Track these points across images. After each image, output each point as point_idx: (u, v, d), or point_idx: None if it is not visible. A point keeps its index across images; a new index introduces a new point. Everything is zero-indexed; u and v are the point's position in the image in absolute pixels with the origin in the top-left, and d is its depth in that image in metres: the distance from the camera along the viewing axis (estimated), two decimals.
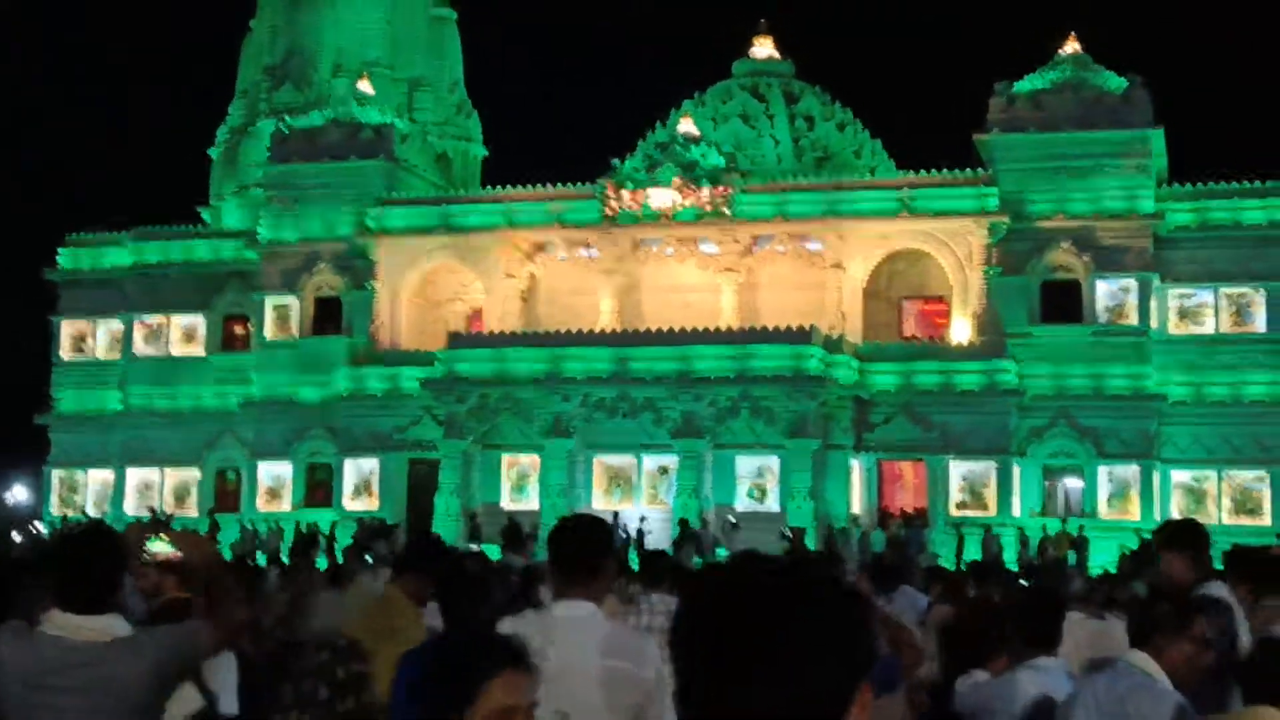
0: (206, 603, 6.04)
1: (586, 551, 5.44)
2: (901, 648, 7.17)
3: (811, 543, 36.33)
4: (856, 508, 42.72)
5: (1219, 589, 6.80)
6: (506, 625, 5.61)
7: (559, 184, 48.74)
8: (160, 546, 6.57)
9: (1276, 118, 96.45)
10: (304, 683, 6.59)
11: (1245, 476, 43.43)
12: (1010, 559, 36.12)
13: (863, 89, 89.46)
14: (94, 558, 5.17)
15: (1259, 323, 44.30)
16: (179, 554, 6.51)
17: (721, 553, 37.35)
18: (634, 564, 25.81)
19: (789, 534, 12.70)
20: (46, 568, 5.47)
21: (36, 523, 48.43)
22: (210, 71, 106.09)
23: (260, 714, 6.46)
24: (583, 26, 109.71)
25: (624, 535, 39.36)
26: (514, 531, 38.99)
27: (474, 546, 36.53)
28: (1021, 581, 13.75)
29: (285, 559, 31.56)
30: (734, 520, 39.65)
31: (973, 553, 37.30)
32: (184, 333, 52.98)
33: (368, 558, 19.79)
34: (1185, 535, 7.17)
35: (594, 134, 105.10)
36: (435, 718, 2.81)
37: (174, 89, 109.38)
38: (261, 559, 31.21)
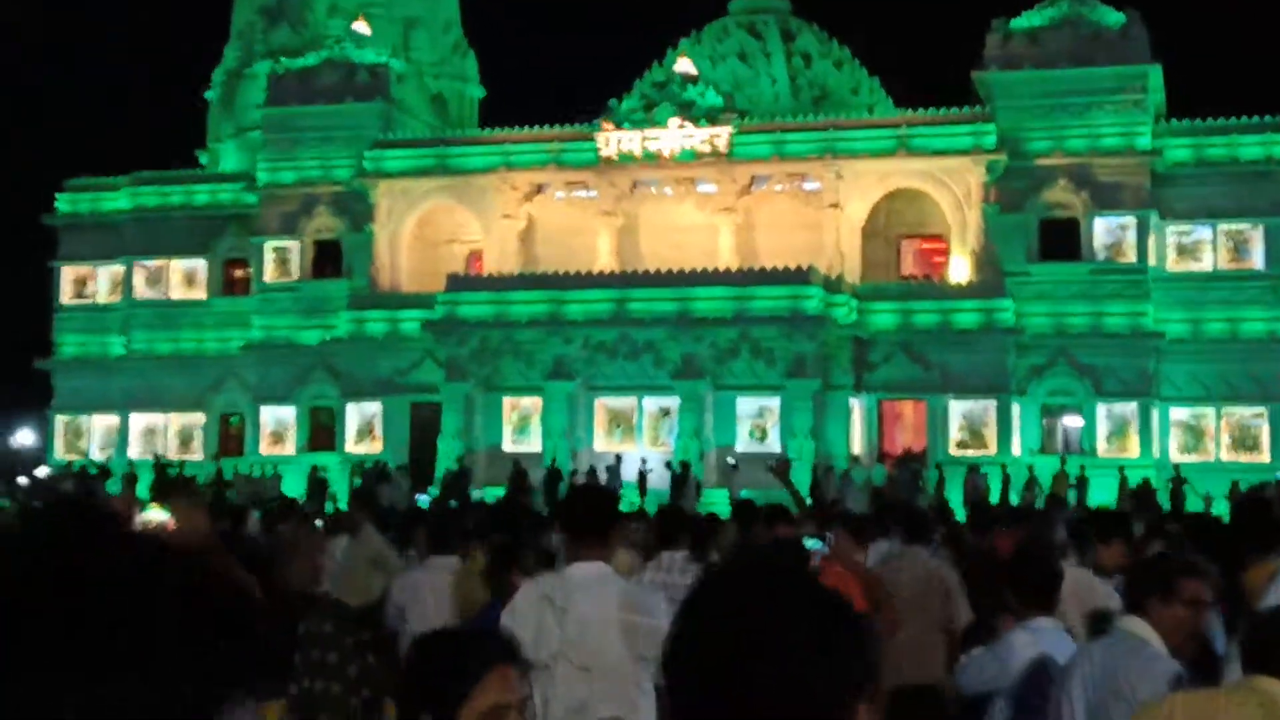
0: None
1: (597, 518, 5.92)
2: (880, 608, 7.25)
3: (806, 478, 36.31)
4: (857, 448, 42.86)
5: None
6: (529, 587, 6.13)
7: (556, 125, 48.63)
8: (154, 514, 6.66)
9: (1275, 53, 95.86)
10: (313, 651, 6.77)
11: (1244, 413, 43.42)
12: (994, 500, 36.12)
13: (860, 26, 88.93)
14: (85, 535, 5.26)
15: (1257, 259, 44.23)
16: (172, 522, 6.58)
17: (722, 494, 37.51)
18: (634, 507, 25.98)
19: (774, 465, 12.94)
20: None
21: (43, 468, 48.62)
22: (206, 12, 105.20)
23: (272, 674, 6.63)
24: None
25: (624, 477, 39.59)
26: (521, 478, 39.26)
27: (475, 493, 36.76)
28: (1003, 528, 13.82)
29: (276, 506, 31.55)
30: (733, 461, 39.81)
31: (955, 493, 37.59)
32: (184, 276, 52.99)
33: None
34: (1112, 526, 7.01)
35: (591, 73, 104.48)
36: (429, 714, 2.82)
37: (170, 31, 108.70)
38: (258, 514, 31.38)
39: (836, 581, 8.09)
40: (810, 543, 8.49)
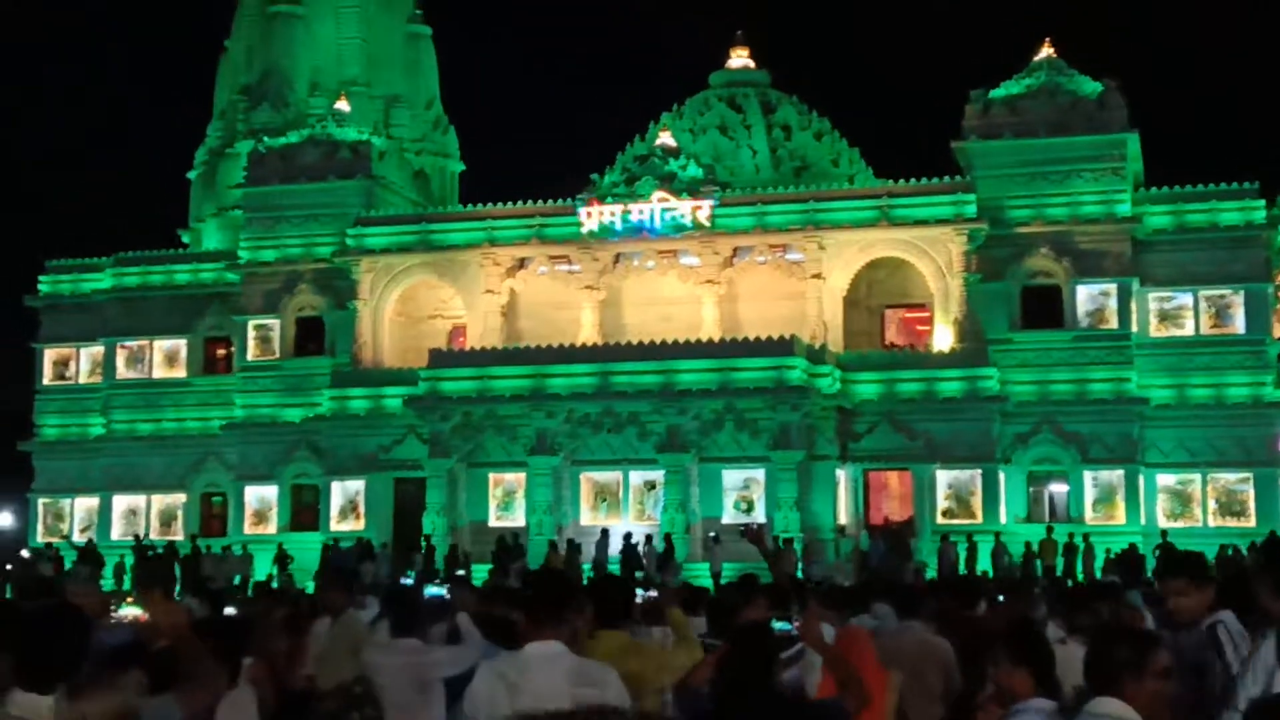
0: (186, 668, 5.99)
1: (550, 601, 6.40)
2: (848, 688, 7.04)
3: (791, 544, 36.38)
4: (844, 518, 42.63)
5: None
6: (485, 668, 6.45)
7: (538, 200, 48.74)
8: (128, 611, 6.57)
9: (1251, 119, 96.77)
10: None
11: (1229, 478, 43.38)
12: (962, 570, 36.20)
13: (840, 97, 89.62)
14: (56, 636, 5.05)
15: (1238, 324, 44.32)
16: (145, 616, 6.48)
17: (704, 568, 37.40)
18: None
19: (745, 531, 13.11)
20: (6, 645, 5.20)
21: (23, 551, 48.17)
22: (188, 92, 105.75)
23: None
24: (559, 41, 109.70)
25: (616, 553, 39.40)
26: (506, 554, 39.08)
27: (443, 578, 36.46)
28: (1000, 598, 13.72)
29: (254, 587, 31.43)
30: (715, 535, 39.66)
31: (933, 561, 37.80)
32: (166, 356, 52.87)
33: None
34: (1026, 647, 6.37)
35: (573, 148, 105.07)
36: None
37: (152, 111, 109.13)
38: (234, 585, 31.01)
39: (824, 687, 7.92)
40: (778, 625, 8.30)
